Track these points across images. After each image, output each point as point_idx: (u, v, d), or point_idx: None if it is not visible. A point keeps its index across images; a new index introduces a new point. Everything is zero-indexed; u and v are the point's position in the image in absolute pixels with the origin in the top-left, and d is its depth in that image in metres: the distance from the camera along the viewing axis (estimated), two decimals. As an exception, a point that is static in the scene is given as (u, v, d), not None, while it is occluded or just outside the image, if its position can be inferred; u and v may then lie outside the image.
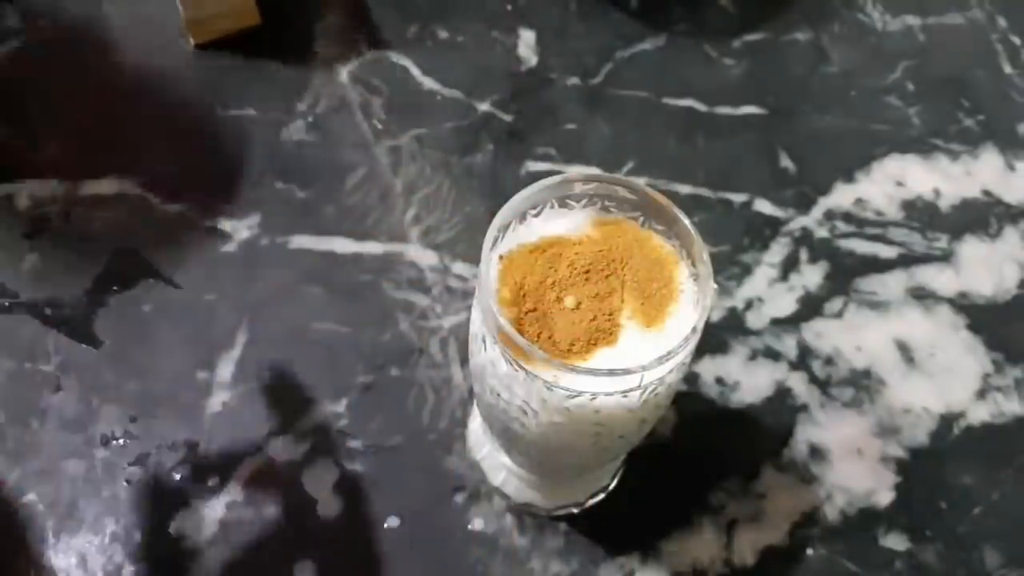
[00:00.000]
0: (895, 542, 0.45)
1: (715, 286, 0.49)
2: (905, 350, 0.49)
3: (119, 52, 0.55)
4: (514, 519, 0.44)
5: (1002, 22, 0.61)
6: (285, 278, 0.49)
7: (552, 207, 0.35)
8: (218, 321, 0.48)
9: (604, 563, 0.43)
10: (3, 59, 0.55)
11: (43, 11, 0.57)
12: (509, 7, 0.59)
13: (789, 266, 0.51)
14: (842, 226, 0.53)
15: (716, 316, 0.50)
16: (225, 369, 0.46)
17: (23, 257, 0.49)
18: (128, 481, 0.44)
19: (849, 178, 0.55)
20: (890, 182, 0.55)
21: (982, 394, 0.49)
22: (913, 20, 0.61)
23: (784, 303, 0.50)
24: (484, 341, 0.34)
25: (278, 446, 0.45)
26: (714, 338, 0.49)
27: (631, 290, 0.34)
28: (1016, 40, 0.61)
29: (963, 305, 0.51)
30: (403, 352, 0.47)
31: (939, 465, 0.47)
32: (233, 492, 0.44)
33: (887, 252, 0.52)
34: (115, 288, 0.48)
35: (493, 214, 0.34)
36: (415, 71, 0.56)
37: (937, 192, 0.55)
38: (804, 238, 0.52)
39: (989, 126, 0.57)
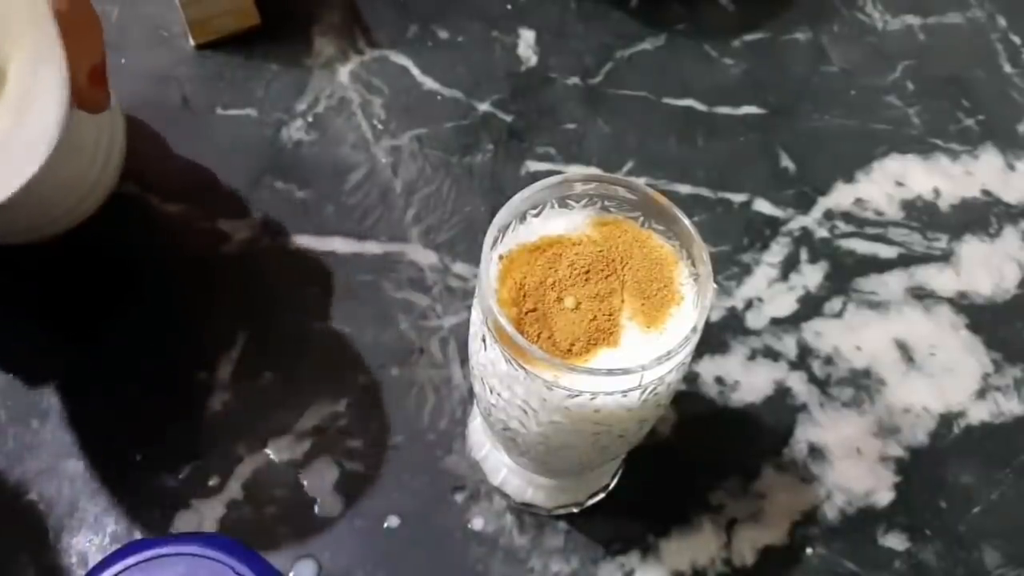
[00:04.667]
0: (894, 542, 0.45)
1: (715, 286, 0.49)
2: (905, 350, 0.49)
3: (119, 52, 0.55)
4: (514, 518, 0.44)
5: (1002, 22, 0.61)
6: (285, 278, 0.49)
7: (552, 207, 0.35)
8: (218, 321, 0.48)
9: (604, 562, 0.43)
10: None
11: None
12: (509, 7, 0.59)
13: (789, 266, 0.51)
14: (842, 226, 0.53)
15: (716, 316, 0.50)
16: (225, 369, 0.46)
17: (22, 257, 0.49)
18: (128, 481, 0.44)
19: (849, 178, 0.55)
20: (890, 182, 0.55)
21: (982, 394, 0.49)
22: (913, 20, 0.61)
23: (784, 303, 0.50)
24: (484, 341, 0.34)
25: (278, 446, 0.45)
26: (714, 338, 0.49)
27: (631, 290, 0.34)
28: (1016, 40, 0.61)
29: (963, 305, 0.51)
30: (403, 352, 0.47)
31: (939, 465, 0.47)
32: (233, 492, 0.44)
33: (887, 252, 0.52)
34: (115, 288, 0.48)
35: (493, 214, 0.34)
36: (415, 71, 0.56)
37: (937, 192, 0.55)
38: (804, 238, 0.52)
39: (989, 126, 0.57)
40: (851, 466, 0.46)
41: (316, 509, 0.44)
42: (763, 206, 0.53)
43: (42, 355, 0.47)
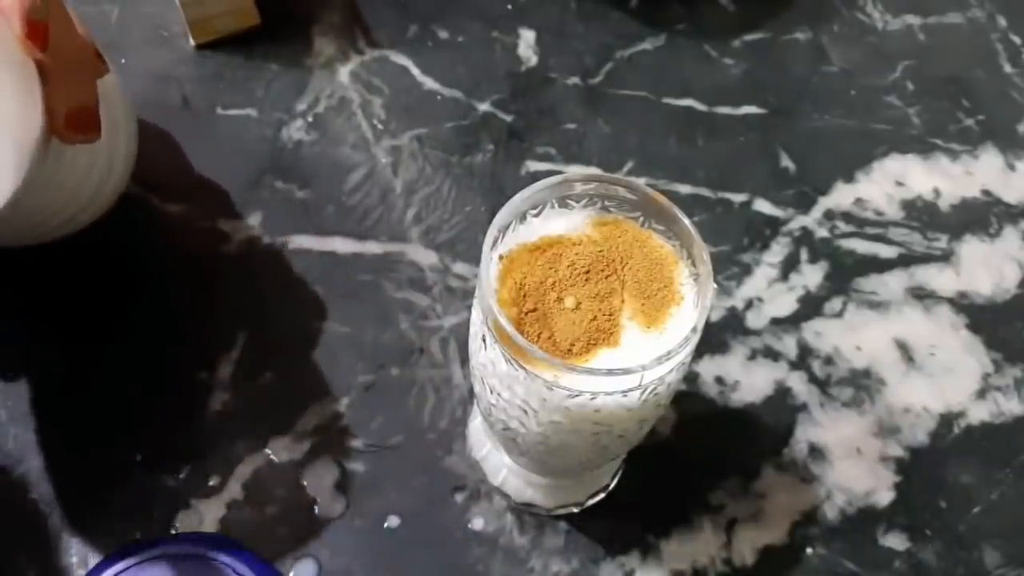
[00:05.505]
0: (895, 542, 0.45)
1: (715, 286, 0.49)
2: (905, 350, 0.49)
3: (119, 52, 0.55)
4: (514, 518, 0.44)
5: (1002, 22, 0.61)
6: (285, 278, 0.49)
7: (552, 207, 0.35)
8: (218, 321, 0.48)
9: (604, 562, 0.43)
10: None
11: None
12: (509, 7, 0.59)
13: (789, 266, 0.51)
14: (842, 226, 0.53)
15: (716, 316, 0.50)
16: (225, 369, 0.46)
17: (22, 257, 0.49)
18: (128, 481, 0.44)
19: (849, 178, 0.55)
20: (890, 182, 0.55)
21: (982, 394, 0.49)
22: (913, 20, 0.61)
23: (784, 303, 0.50)
24: (484, 341, 0.34)
25: (278, 446, 0.45)
26: (714, 338, 0.49)
27: (631, 290, 0.34)
28: (1016, 40, 0.61)
29: (963, 305, 0.51)
30: (403, 352, 0.47)
31: (939, 465, 0.47)
32: (233, 492, 0.44)
33: (887, 252, 0.52)
34: (115, 288, 0.48)
35: (493, 214, 0.34)
36: (415, 71, 0.56)
37: (937, 192, 0.55)
38: (804, 238, 0.52)
39: (989, 126, 0.57)
40: (851, 466, 0.46)
41: (316, 509, 0.44)
42: (763, 206, 0.53)
43: (42, 355, 0.47)
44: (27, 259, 0.48)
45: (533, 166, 0.54)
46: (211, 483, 0.44)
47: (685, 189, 0.53)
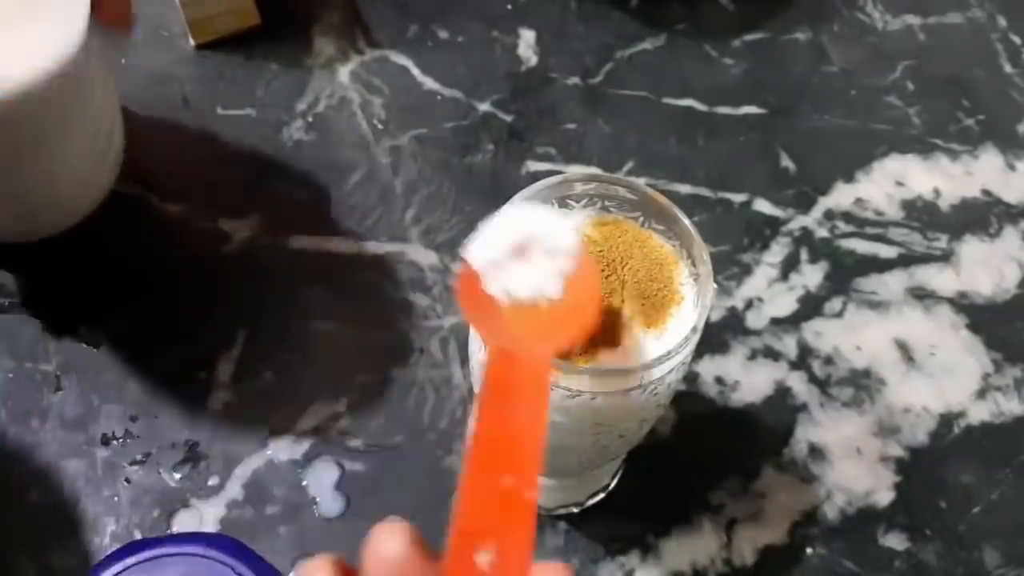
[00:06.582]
0: (895, 541, 0.45)
1: (715, 286, 0.49)
2: (905, 350, 0.49)
3: (119, 52, 0.55)
4: (514, 519, 0.44)
5: (1002, 22, 0.61)
6: (285, 278, 0.49)
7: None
8: (218, 321, 0.48)
9: (604, 562, 0.43)
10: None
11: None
12: (509, 7, 0.59)
13: (789, 266, 0.51)
14: (842, 226, 0.53)
15: (716, 316, 0.50)
16: (225, 369, 0.46)
17: (21, 257, 0.49)
18: (128, 481, 0.44)
19: (849, 178, 0.55)
20: (890, 182, 0.55)
21: (982, 394, 0.49)
22: (913, 20, 0.61)
23: (784, 303, 0.50)
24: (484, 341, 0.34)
25: (278, 446, 0.45)
26: (714, 338, 0.49)
27: (631, 290, 0.34)
28: (1016, 40, 0.61)
29: (963, 305, 0.51)
30: (403, 352, 0.47)
31: (939, 465, 0.47)
32: (233, 492, 0.44)
33: (887, 252, 0.52)
34: (115, 288, 0.48)
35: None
36: (415, 71, 0.56)
37: (937, 192, 0.55)
38: (804, 238, 0.52)
39: (989, 126, 0.57)
40: (851, 466, 0.46)
41: (316, 509, 0.44)
42: (763, 206, 0.53)
43: (42, 355, 0.47)
44: (26, 259, 0.48)
45: (533, 166, 0.54)
46: (211, 483, 0.44)
47: (685, 189, 0.53)
